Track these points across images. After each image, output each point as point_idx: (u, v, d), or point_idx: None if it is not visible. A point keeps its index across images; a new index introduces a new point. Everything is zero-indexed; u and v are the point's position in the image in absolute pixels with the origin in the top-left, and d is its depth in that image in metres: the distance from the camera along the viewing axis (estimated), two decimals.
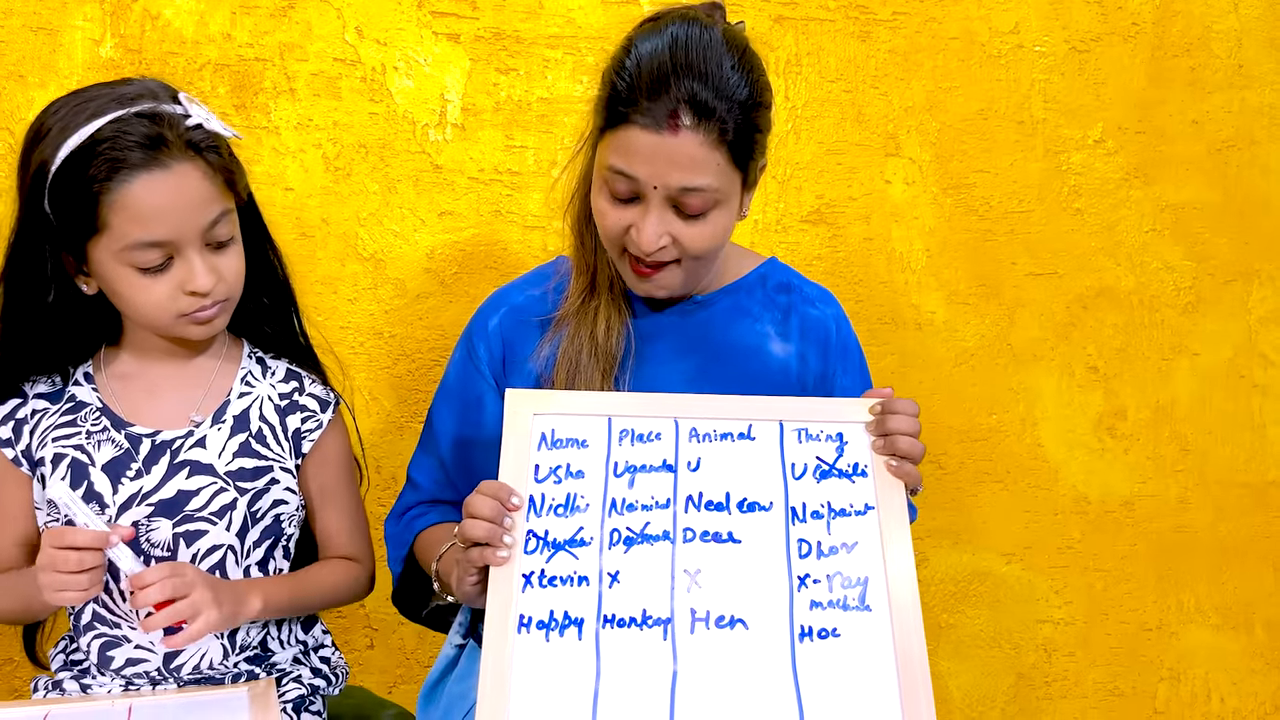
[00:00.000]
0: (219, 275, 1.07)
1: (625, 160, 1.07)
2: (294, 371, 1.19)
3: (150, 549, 1.09)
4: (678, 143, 1.05)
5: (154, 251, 1.04)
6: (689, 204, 1.08)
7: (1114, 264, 1.83)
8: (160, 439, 1.11)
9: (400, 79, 1.67)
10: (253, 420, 1.15)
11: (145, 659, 1.10)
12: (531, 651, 0.93)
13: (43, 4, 1.59)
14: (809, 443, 1.04)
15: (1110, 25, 1.80)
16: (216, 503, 1.11)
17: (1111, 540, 1.88)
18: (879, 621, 0.95)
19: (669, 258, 1.10)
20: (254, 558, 1.14)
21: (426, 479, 1.24)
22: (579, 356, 1.12)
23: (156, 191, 1.02)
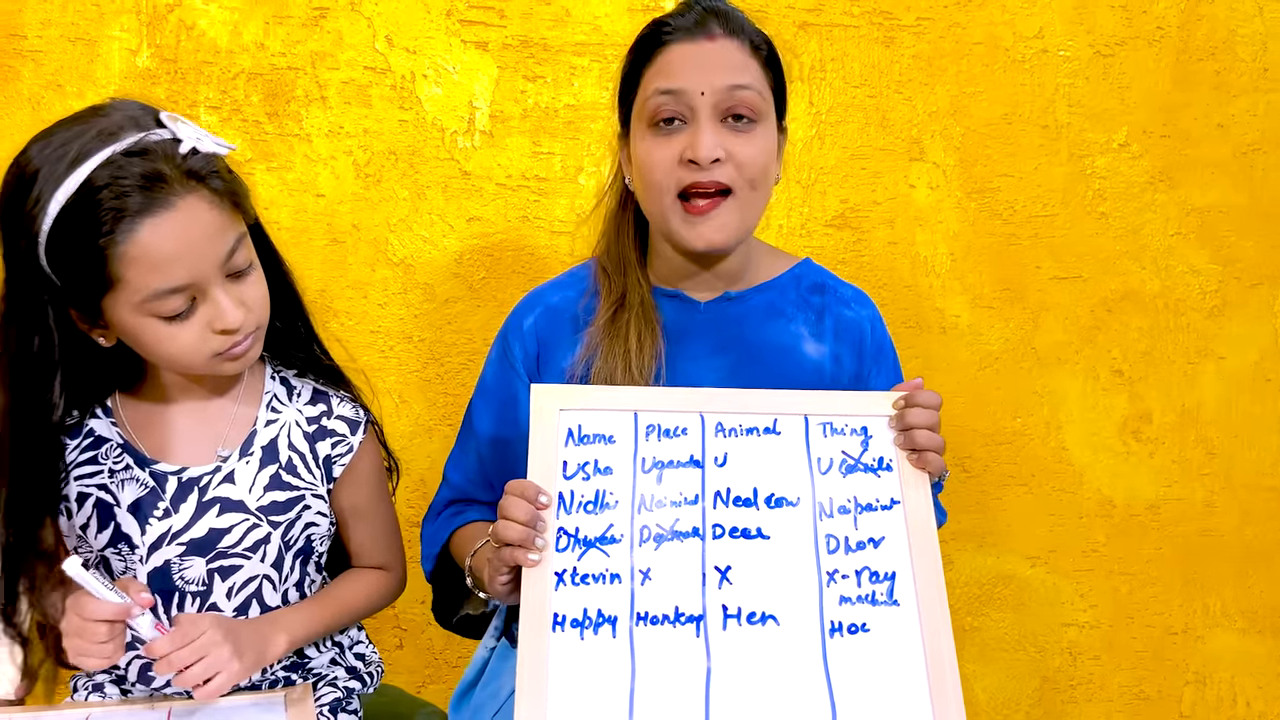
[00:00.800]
0: (246, 307, 1.01)
1: (668, 78, 1.11)
2: (320, 392, 1.15)
3: (184, 586, 1.07)
4: (716, 47, 1.11)
5: (176, 298, 0.97)
6: (739, 104, 1.11)
7: (1139, 267, 1.83)
8: (187, 476, 1.07)
9: (429, 87, 1.69)
10: (282, 450, 1.11)
11: None
12: (567, 649, 0.94)
13: (80, 15, 1.63)
14: (834, 437, 1.04)
15: (1135, 29, 1.80)
16: (250, 538, 1.08)
17: (1137, 544, 1.88)
18: (907, 616, 0.96)
19: (725, 177, 1.11)
20: (290, 581, 1.13)
21: (462, 477, 1.25)
22: (614, 373, 1.13)
23: (165, 234, 0.94)
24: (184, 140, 0.97)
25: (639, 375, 1.13)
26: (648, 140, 1.13)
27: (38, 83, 1.63)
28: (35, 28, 1.62)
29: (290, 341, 1.14)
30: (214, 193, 0.98)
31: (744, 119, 1.12)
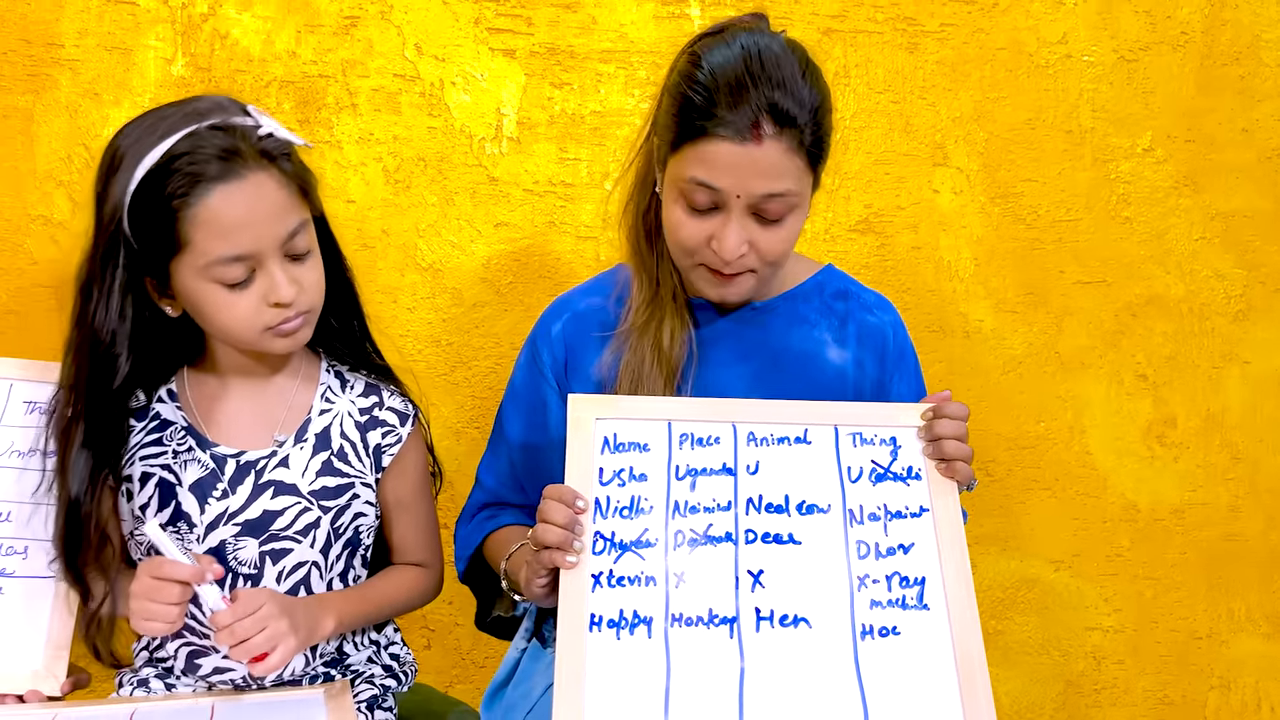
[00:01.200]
0: (300, 286, 1.07)
1: (707, 172, 1.08)
2: (373, 385, 1.21)
3: (238, 566, 1.11)
4: (761, 152, 1.07)
5: (237, 266, 1.04)
6: (770, 210, 1.10)
7: (1163, 272, 1.84)
8: (245, 459, 1.13)
9: (458, 94, 1.71)
10: (334, 438, 1.16)
11: (231, 667, 1.13)
12: (603, 650, 0.97)
13: (117, 24, 1.66)
14: (864, 447, 1.06)
15: (1159, 34, 1.81)
16: (301, 522, 1.13)
17: (1161, 548, 1.88)
18: (937, 620, 0.98)
19: (747, 266, 1.13)
20: (336, 570, 1.17)
21: (494, 480, 1.28)
22: (642, 365, 1.14)
23: (235, 202, 1.02)
24: (263, 126, 1.06)
25: (669, 365, 1.14)
26: (678, 212, 1.12)
27: (75, 91, 1.66)
28: (73, 37, 1.65)
29: (345, 339, 1.20)
30: (283, 174, 1.06)
31: (777, 219, 1.11)
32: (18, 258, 1.67)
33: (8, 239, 1.67)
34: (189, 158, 1.02)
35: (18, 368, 1.23)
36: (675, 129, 1.11)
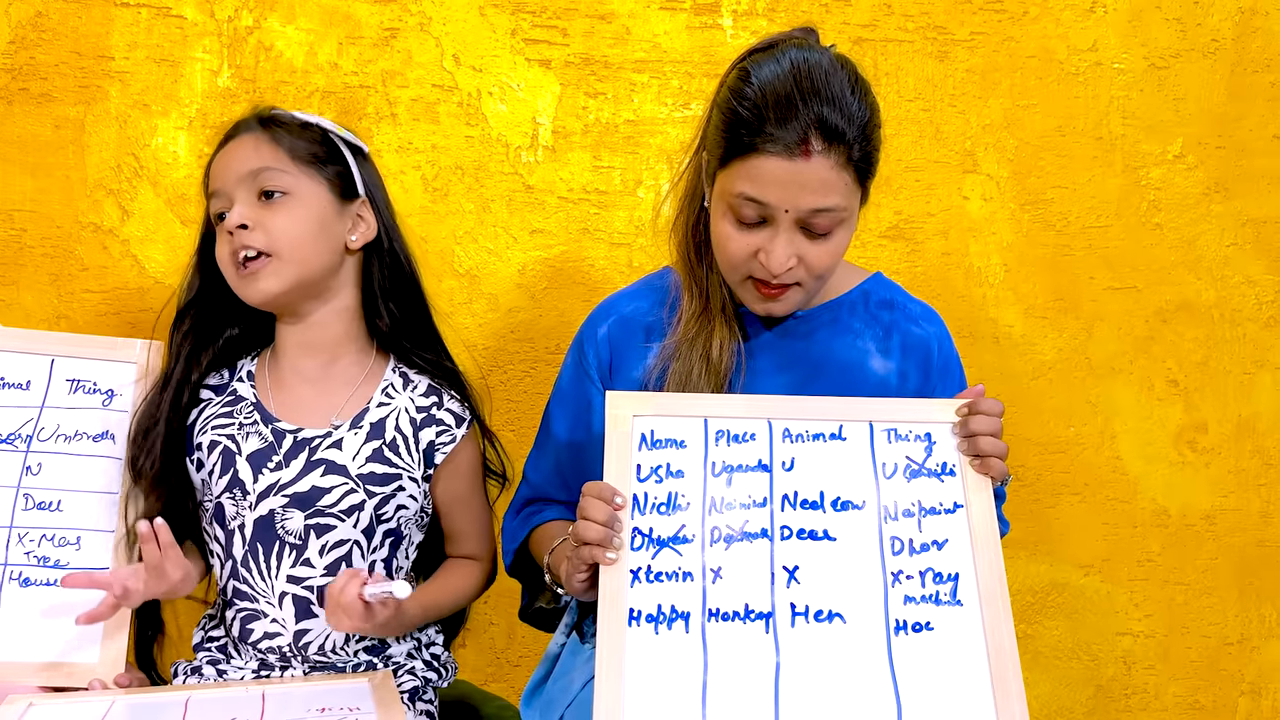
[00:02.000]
0: (255, 221, 1.18)
1: (756, 188, 1.09)
2: (435, 387, 1.27)
3: (285, 535, 1.19)
4: (810, 167, 1.08)
5: (218, 201, 1.22)
6: (818, 224, 1.11)
7: (1194, 278, 1.84)
8: (301, 436, 1.21)
9: (495, 103, 1.75)
10: (388, 429, 1.23)
11: (279, 633, 1.20)
12: (642, 643, 0.99)
13: (165, 38, 1.70)
14: (898, 443, 1.08)
15: (1189, 42, 1.82)
16: (346, 501, 1.19)
17: (1192, 553, 1.88)
18: (970, 616, 1.00)
19: (795, 279, 1.13)
20: (378, 554, 1.22)
21: (540, 476, 1.31)
22: (690, 374, 1.16)
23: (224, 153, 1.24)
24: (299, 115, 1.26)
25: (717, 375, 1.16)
26: (726, 225, 1.13)
27: (125, 102, 1.71)
28: (123, 49, 1.70)
29: (410, 334, 1.27)
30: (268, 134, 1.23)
31: (825, 233, 1.12)
32: (69, 264, 1.72)
33: (59, 245, 1.72)
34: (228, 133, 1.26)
35: (58, 342, 1.25)
36: (724, 145, 1.12)
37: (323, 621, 1.18)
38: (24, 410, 1.20)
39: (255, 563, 1.19)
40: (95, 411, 1.21)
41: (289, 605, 1.19)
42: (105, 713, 1.06)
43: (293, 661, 1.20)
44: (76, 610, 1.15)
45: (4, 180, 1.71)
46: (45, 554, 1.16)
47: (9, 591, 1.14)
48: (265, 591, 1.19)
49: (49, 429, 1.20)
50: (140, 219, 1.72)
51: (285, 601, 1.19)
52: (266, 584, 1.19)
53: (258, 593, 1.19)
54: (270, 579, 1.19)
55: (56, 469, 1.19)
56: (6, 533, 1.16)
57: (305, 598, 1.19)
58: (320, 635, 1.20)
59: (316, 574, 1.19)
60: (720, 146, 1.13)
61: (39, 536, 1.16)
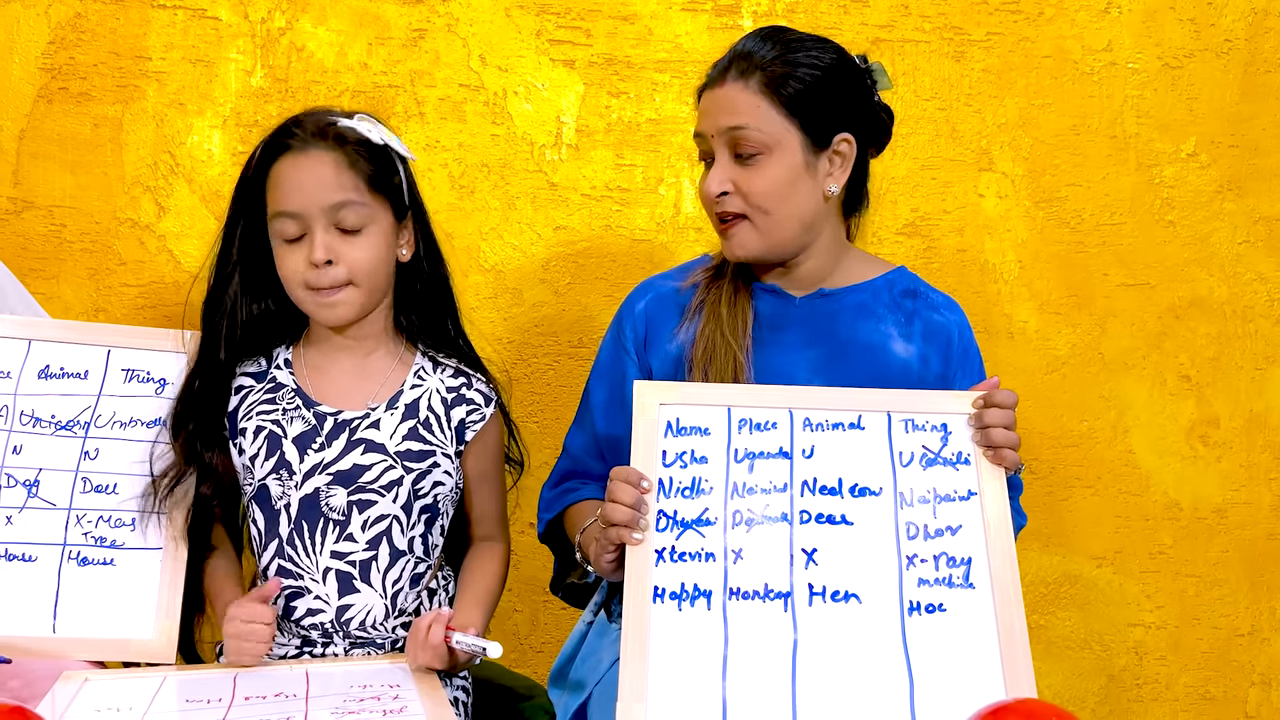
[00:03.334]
0: (339, 256, 1.21)
1: (698, 120, 1.26)
2: (463, 370, 1.34)
3: (329, 513, 1.24)
4: (723, 91, 1.23)
5: (289, 223, 1.21)
6: (741, 146, 1.22)
7: (1206, 275, 1.87)
8: (342, 418, 1.26)
9: (520, 103, 1.79)
10: (421, 409, 1.29)
11: (322, 609, 1.24)
12: (666, 620, 1.04)
13: (200, 39, 1.75)
14: (915, 433, 1.12)
15: (1203, 42, 1.84)
16: (386, 478, 1.25)
17: (1204, 546, 1.91)
18: (982, 598, 1.04)
19: (735, 207, 1.23)
20: (416, 530, 1.27)
21: (579, 449, 1.37)
22: (715, 337, 1.24)
23: (293, 169, 1.22)
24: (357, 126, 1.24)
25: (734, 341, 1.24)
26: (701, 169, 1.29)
27: (161, 101, 1.76)
28: (159, 50, 1.75)
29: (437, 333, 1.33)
30: (347, 158, 1.22)
31: (749, 155, 1.22)
32: (107, 258, 1.77)
33: (98, 241, 1.77)
34: (284, 132, 1.24)
35: (114, 333, 1.30)
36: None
37: (364, 597, 1.24)
38: (82, 399, 1.25)
39: (300, 540, 1.24)
40: (149, 399, 1.26)
41: (332, 581, 1.24)
42: (157, 689, 1.11)
43: (334, 638, 1.24)
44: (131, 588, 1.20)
45: (44, 177, 1.76)
46: (102, 534, 1.21)
47: (68, 570, 1.19)
48: (310, 568, 1.24)
49: (105, 416, 1.25)
50: (176, 215, 1.78)
51: (329, 577, 1.23)
52: (311, 560, 1.24)
53: (302, 569, 1.24)
54: (315, 555, 1.24)
55: (113, 454, 1.24)
56: (66, 514, 1.21)
57: (348, 573, 1.24)
58: (361, 611, 1.24)
59: (359, 548, 1.24)
60: None
61: (96, 518, 1.21)
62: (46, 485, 1.22)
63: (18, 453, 1.22)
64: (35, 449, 1.23)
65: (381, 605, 1.25)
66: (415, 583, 1.28)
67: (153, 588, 1.20)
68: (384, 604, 1.25)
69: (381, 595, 1.25)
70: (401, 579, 1.26)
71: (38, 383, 1.25)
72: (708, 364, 1.23)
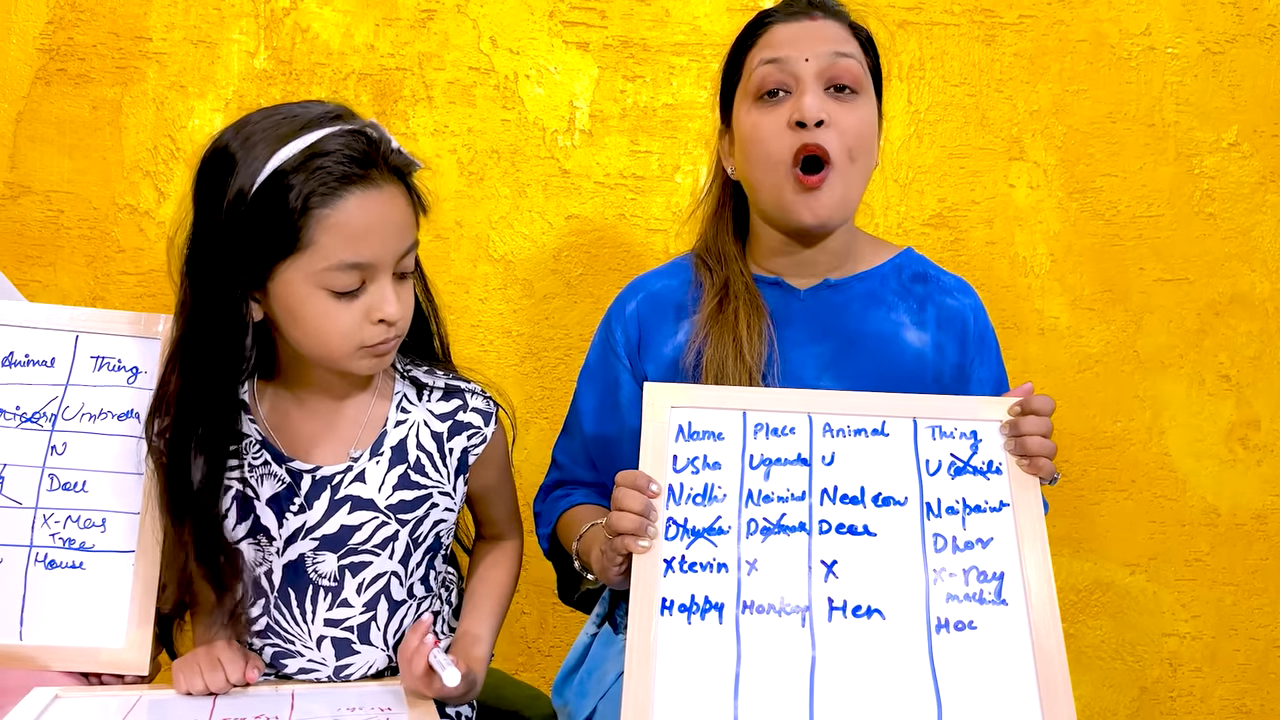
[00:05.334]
0: (404, 306, 1.05)
1: (773, 49, 1.16)
2: (454, 387, 1.17)
3: (318, 580, 1.11)
4: (819, 25, 1.17)
5: (353, 274, 1.01)
6: (842, 72, 1.14)
7: (1249, 270, 1.79)
8: (320, 474, 1.11)
9: (532, 87, 1.73)
10: (410, 450, 1.13)
11: (316, 669, 1.14)
12: (674, 633, 0.96)
13: (202, 19, 1.70)
14: (943, 440, 1.04)
15: (1246, 26, 1.76)
16: (379, 536, 1.11)
17: (1243, 553, 1.83)
18: (1016, 616, 0.96)
19: (828, 142, 1.12)
20: (416, 576, 1.16)
21: (568, 458, 1.30)
22: (725, 361, 1.14)
23: (369, 209, 1.00)
24: (393, 141, 1.04)
25: (751, 360, 1.14)
26: (754, 114, 1.16)
27: (162, 83, 1.70)
28: (160, 31, 1.70)
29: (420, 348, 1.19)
30: (409, 191, 1.06)
31: (846, 89, 1.15)
32: (105, 245, 1.72)
33: (96, 227, 1.72)
34: (333, 157, 0.98)
35: (82, 317, 1.18)
36: (736, 54, 1.22)
37: (364, 656, 1.13)
38: (48, 388, 1.16)
39: (288, 607, 1.12)
40: (120, 389, 1.16)
41: (328, 647, 1.13)
42: (131, 708, 1.04)
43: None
44: (102, 594, 1.12)
45: (42, 161, 1.71)
46: (70, 536, 1.12)
47: (35, 574, 1.11)
48: (301, 634, 1.12)
49: (74, 407, 1.16)
50: (176, 201, 1.72)
51: (324, 644, 1.13)
52: (302, 628, 1.12)
53: (293, 635, 1.12)
54: (306, 623, 1.12)
55: (82, 449, 1.15)
56: (32, 514, 1.13)
57: (345, 639, 1.13)
58: (362, 667, 1.14)
59: (355, 612, 1.12)
60: (731, 63, 1.22)
61: (64, 518, 1.13)
62: (11, 482, 1.13)
63: None
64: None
65: (384, 658, 1.15)
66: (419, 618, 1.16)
67: (124, 594, 1.11)
68: (386, 655, 1.15)
69: (384, 649, 1.14)
70: (404, 626, 1.15)
71: (1, 371, 1.16)
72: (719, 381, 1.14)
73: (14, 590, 1.11)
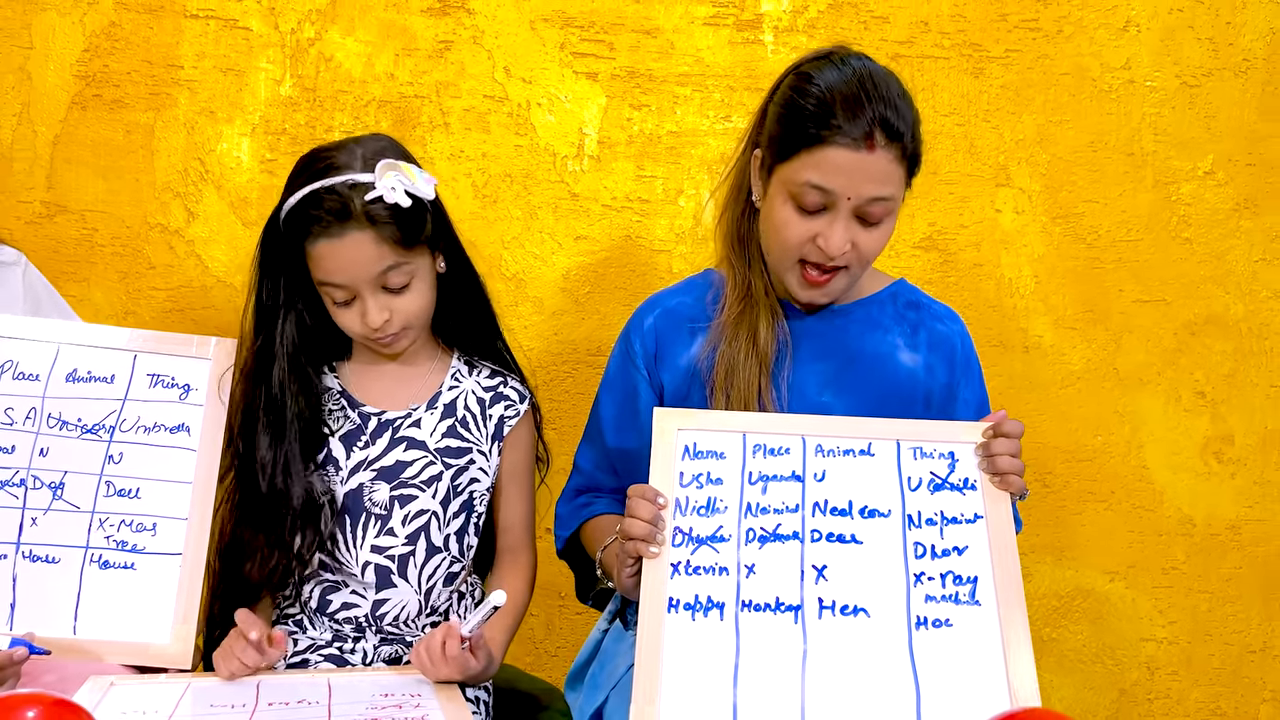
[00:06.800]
0: (391, 312, 1.27)
1: (822, 176, 1.19)
2: (498, 371, 1.41)
3: (372, 507, 1.30)
4: (874, 159, 1.19)
5: (339, 291, 1.26)
6: (874, 212, 1.21)
7: (1223, 292, 1.88)
8: (385, 418, 1.33)
9: (543, 114, 1.82)
10: (459, 408, 1.35)
11: (358, 604, 1.29)
12: (680, 629, 1.08)
13: (231, 48, 1.79)
14: (923, 459, 1.16)
15: (1221, 61, 1.85)
16: (426, 473, 1.31)
17: (1217, 562, 1.92)
18: (988, 615, 1.07)
19: (845, 263, 1.23)
20: (453, 527, 1.32)
21: (590, 464, 1.40)
22: (737, 357, 1.25)
23: (333, 253, 1.24)
24: (378, 189, 1.23)
25: (761, 358, 1.25)
26: (786, 211, 1.23)
27: (192, 109, 1.80)
28: (191, 59, 1.79)
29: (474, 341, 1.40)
30: (379, 233, 1.24)
31: (876, 221, 1.22)
32: (136, 262, 1.81)
33: (128, 245, 1.81)
34: (315, 209, 1.24)
35: (142, 339, 1.32)
36: (789, 138, 1.22)
37: (400, 592, 1.29)
38: (108, 403, 1.28)
39: (342, 534, 1.29)
40: (173, 405, 1.29)
41: (370, 574, 1.28)
42: (182, 694, 1.14)
43: (366, 633, 1.29)
44: (151, 592, 1.22)
45: (77, 182, 1.80)
46: (123, 538, 1.23)
47: (90, 573, 1.22)
48: (349, 561, 1.28)
49: (130, 420, 1.28)
50: (205, 221, 1.81)
51: (368, 571, 1.28)
52: (352, 554, 1.29)
53: (342, 561, 1.28)
54: (355, 549, 1.29)
55: (136, 458, 1.27)
56: (89, 518, 1.24)
57: (386, 567, 1.28)
58: (396, 606, 1.29)
59: (399, 543, 1.29)
60: (784, 140, 1.23)
61: (118, 522, 1.24)
62: (71, 488, 1.24)
63: (44, 455, 1.25)
64: (61, 452, 1.25)
65: (416, 601, 1.30)
66: (449, 581, 1.32)
67: (171, 593, 1.22)
68: (418, 600, 1.30)
69: (416, 591, 1.30)
70: (436, 576, 1.31)
71: (66, 386, 1.28)
72: (729, 388, 1.25)
73: (70, 588, 1.22)
